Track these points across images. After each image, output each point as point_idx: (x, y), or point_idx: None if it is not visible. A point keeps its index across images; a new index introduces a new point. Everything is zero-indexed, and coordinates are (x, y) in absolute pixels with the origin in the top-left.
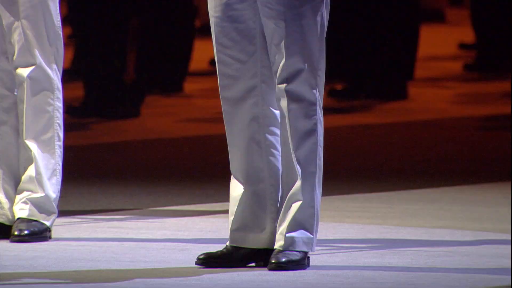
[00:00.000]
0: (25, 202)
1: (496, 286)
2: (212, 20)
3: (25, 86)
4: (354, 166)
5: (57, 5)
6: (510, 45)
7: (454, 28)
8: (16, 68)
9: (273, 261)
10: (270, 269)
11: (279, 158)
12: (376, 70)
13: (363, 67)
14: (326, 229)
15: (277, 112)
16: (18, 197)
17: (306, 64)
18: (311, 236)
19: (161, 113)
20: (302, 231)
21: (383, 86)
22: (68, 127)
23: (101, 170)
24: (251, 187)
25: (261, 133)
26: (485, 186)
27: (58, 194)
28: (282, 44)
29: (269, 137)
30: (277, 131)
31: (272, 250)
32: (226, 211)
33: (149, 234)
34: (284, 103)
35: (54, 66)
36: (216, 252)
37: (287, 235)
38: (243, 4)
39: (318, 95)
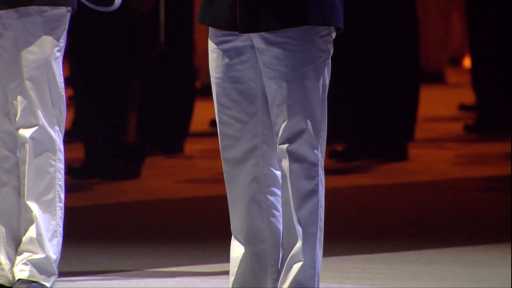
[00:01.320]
0: (25, 263)
1: None
2: (213, 81)
3: (27, 147)
4: (354, 227)
5: (61, 66)
6: (510, 107)
7: (454, 89)
8: (19, 129)
9: None
10: None
11: (280, 219)
12: (377, 131)
13: (363, 128)
14: None
15: (278, 172)
16: (18, 258)
17: (308, 125)
18: None
19: (162, 174)
20: None
21: (384, 147)
22: (69, 188)
23: (101, 231)
24: (251, 248)
25: (262, 193)
26: (486, 247)
27: (59, 255)
28: (284, 104)
29: (270, 197)
30: (278, 192)
31: None
32: (227, 272)
33: None
34: (285, 163)
35: (57, 128)
36: None
37: None
38: (244, 65)
39: (320, 156)
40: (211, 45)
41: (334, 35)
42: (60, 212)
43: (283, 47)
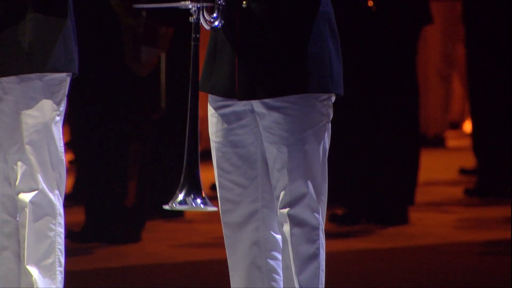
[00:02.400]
0: None
1: None
2: (213, 145)
3: (27, 211)
4: None
5: (61, 130)
6: (510, 171)
7: (455, 154)
8: (19, 193)
9: None
10: None
11: (281, 283)
12: (377, 195)
13: (363, 192)
14: None
15: (278, 236)
16: None
17: (309, 189)
18: None
19: (162, 238)
20: None
21: (384, 211)
22: (69, 252)
23: None
24: None
25: (262, 257)
26: None
27: None
28: (285, 169)
29: (271, 261)
30: (279, 256)
31: None
32: None
33: None
34: (286, 227)
35: (57, 192)
36: None
37: None
38: (244, 129)
39: (321, 219)
40: (211, 110)
41: (333, 98)
42: (60, 276)
43: (283, 111)
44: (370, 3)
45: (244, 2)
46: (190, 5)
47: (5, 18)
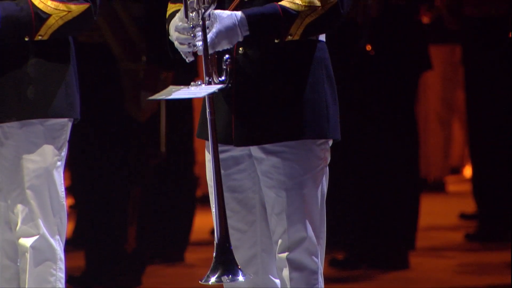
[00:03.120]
0: None
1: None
2: (211, 191)
3: (27, 256)
4: None
5: (61, 175)
6: (510, 216)
7: (455, 198)
8: (19, 238)
9: None
10: None
11: None
12: (377, 240)
13: (363, 237)
14: None
15: (277, 280)
16: None
17: (308, 233)
18: None
19: (162, 283)
20: None
21: (384, 256)
22: None
23: None
24: None
25: None
26: None
27: None
28: (284, 213)
29: None
30: None
31: None
32: None
33: None
34: (285, 272)
35: (57, 237)
36: None
37: None
38: (242, 174)
39: (320, 263)
40: (208, 155)
41: (331, 142)
42: None
43: (281, 156)
44: (368, 47)
45: (240, 48)
46: (200, 93)
47: (7, 62)
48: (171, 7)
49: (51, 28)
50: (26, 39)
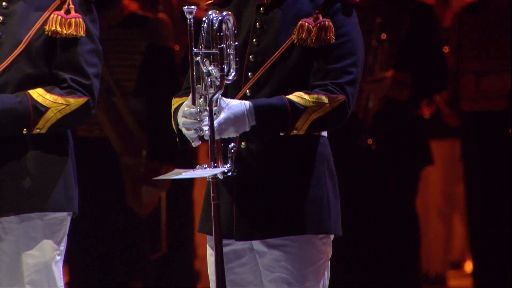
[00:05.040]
0: None
1: None
2: (212, 285)
3: None
4: None
5: (61, 270)
6: (507, 276)
7: None
8: None
9: None
10: None
11: None
12: None
13: None
14: None
15: None
16: None
17: None
18: None
19: None
20: None
21: None
22: None
23: None
24: None
25: None
26: None
27: None
28: None
29: None
30: None
31: None
32: None
33: None
34: None
35: None
36: None
37: None
38: (243, 268)
39: None
40: (209, 250)
41: (332, 237)
42: None
43: (283, 249)
44: (369, 141)
45: (242, 143)
46: (205, 173)
47: (5, 155)
48: (176, 101)
49: (49, 122)
50: (24, 132)
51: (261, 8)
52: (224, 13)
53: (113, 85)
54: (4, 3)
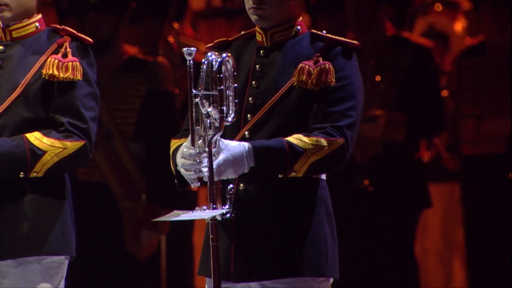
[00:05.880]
0: None
1: None
2: None
3: None
4: None
5: None
6: None
7: None
8: None
9: None
10: None
11: None
12: None
13: None
14: None
15: None
16: None
17: None
18: None
19: None
20: None
21: None
22: None
23: None
24: None
25: None
26: None
27: None
28: None
29: None
30: None
31: None
32: None
33: None
34: None
35: None
36: None
37: None
38: None
39: None
40: None
41: (332, 280)
42: None
43: None
44: (366, 182)
45: (241, 184)
46: (204, 215)
47: (3, 200)
48: (174, 143)
49: (46, 165)
50: (21, 175)
51: (261, 51)
52: (224, 55)
53: (112, 128)
54: (1, 47)
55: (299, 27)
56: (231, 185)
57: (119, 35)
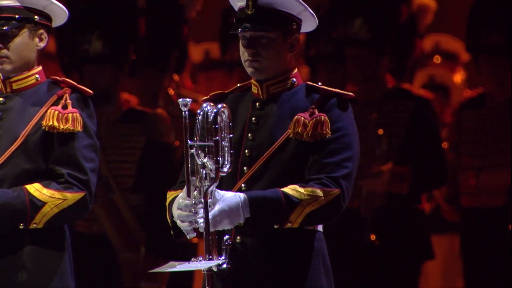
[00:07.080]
0: None
1: None
2: None
3: None
4: None
5: None
6: None
7: None
8: None
9: None
10: None
11: None
12: None
13: None
14: None
15: None
16: None
17: None
18: None
19: None
20: None
21: None
22: None
23: None
24: None
25: None
26: None
27: None
28: None
29: None
30: None
31: None
32: None
33: None
34: None
35: None
36: None
37: None
38: None
39: None
40: None
41: None
42: None
43: None
44: (373, 237)
45: (238, 237)
46: (200, 266)
47: (2, 251)
48: (171, 194)
49: (46, 216)
50: (21, 227)
51: (257, 103)
52: (219, 105)
53: (111, 180)
54: (1, 99)
55: (294, 79)
56: (227, 236)
57: (119, 87)
